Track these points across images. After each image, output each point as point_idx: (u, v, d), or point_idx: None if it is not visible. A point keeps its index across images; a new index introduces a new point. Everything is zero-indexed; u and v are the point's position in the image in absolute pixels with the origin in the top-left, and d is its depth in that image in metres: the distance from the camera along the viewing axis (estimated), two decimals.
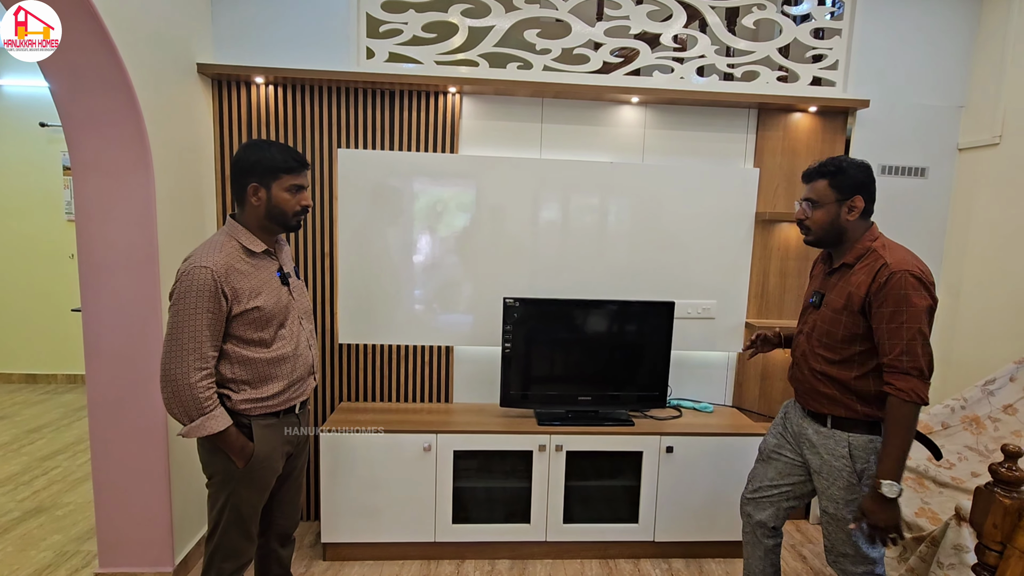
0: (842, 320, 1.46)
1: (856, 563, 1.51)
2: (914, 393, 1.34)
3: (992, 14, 2.44)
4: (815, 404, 1.55)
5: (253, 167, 1.46)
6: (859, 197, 1.47)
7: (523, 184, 2.35)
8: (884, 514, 1.36)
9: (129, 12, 1.75)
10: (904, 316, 1.35)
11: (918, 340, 1.34)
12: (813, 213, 1.51)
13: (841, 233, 1.50)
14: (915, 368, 1.34)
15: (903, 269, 1.36)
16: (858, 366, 1.45)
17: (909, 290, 1.35)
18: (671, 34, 2.42)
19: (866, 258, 1.45)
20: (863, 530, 1.41)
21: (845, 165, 1.48)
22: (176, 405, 1.38)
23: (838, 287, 1.49)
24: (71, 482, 2.82)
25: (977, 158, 2.48)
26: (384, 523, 2.21)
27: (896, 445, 1.35)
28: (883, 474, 1.35)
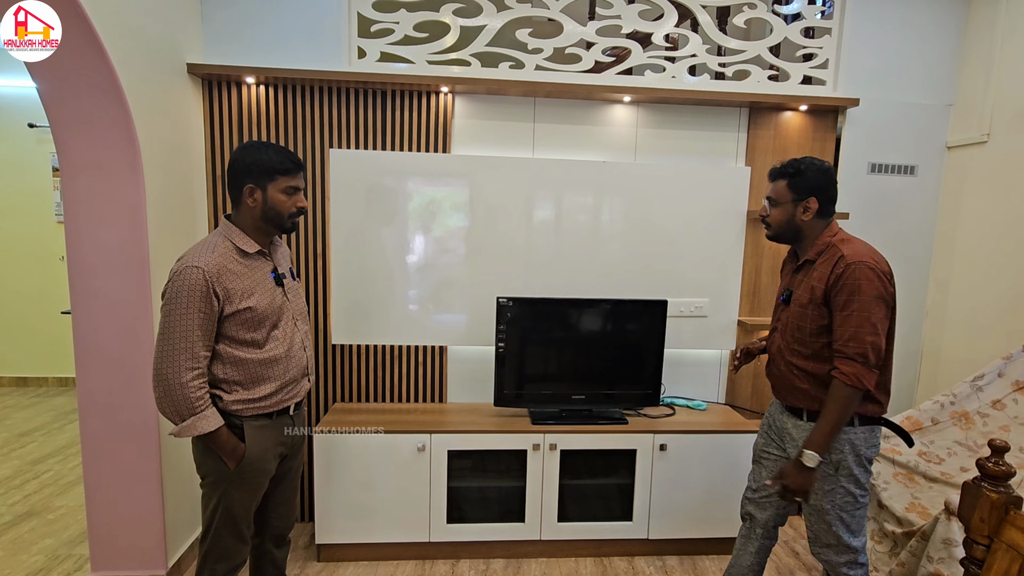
0: (808, 314, 1.51)
1: (839, 553, 1.55)
2: (855, 378, 1.40)
3: (980, 13, 2.46)
4: (791, 399, 1.60)
5: (249, 168, 1.45)
6: (814, 199, 1.52)
7: (516, 184, 2.35)
8: (799, 479, 1.45)
9: (118, 12, 1.73)
10: (855, 305, 1.41)
11: (866, 328, 1.40)
12: (772, 211, 1.59)
13: (797, 231, 1.57)
14: (859, 354, 1.41)
15: (858, 260, 1.43)
16: (828, 359, 1.50)
17: (862, 280, 1.41)
18: (663, 33, 2.42)
19: (826, 253, 1.51)
20: (777, 489, 1.51)
21: (804, 167, 1.54)
22: (167, 404, 1.38)
23: (803, 283, 1.55)
24: (62, 486, 2.80)
25: (966, 156, 2.51)
26: (378, 523, 2.20)
27: (829, 422, 1.43)
28: (808, 444, 1.44)
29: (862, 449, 1.50)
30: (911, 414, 2.09)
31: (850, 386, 1.41)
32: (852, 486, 1.51)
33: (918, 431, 2.06)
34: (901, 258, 2.61)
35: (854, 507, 1.53)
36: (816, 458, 1.42)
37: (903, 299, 2.63)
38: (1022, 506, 1.00)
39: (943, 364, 2.59)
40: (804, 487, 1.45)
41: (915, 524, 1.74)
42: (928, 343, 2.66)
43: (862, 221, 2.55)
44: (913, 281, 2.64)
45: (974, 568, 1.03)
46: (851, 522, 1.54)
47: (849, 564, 1.55)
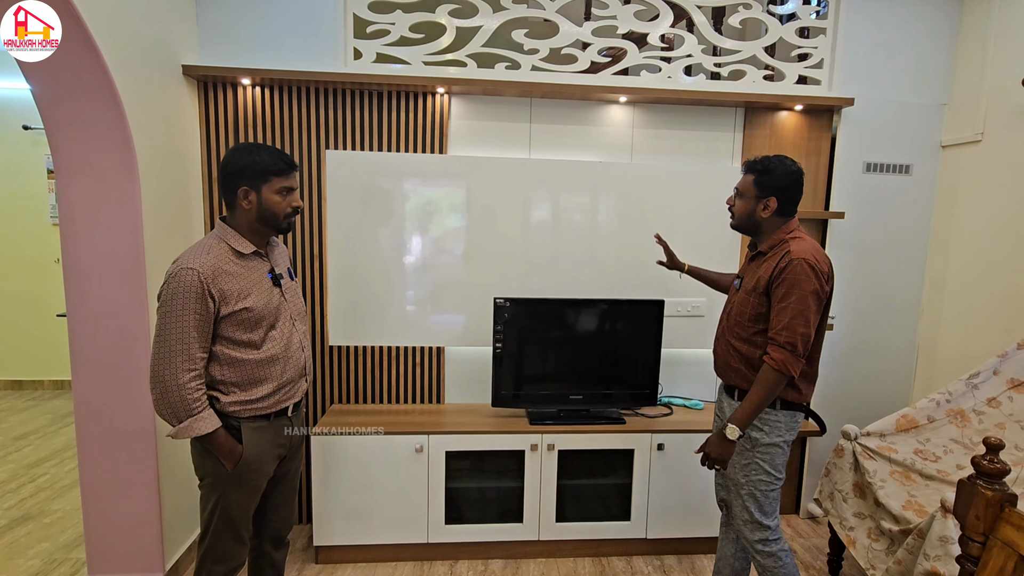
0: (751, 301, 1.62)
1: (752, 530, 1.67)
2: (783, 364, 1.51)
3: (973, 14, 2.47)
4: (726, 377, 1.73)
5: (243, 171, 1.45)
6: (774, 199, 1.61)
7: (512, 184, 2.35)
8: (719, 449, 1.59)
9: (112, 14, 1.73)
10: (792, 298, 1.51)
11: (799, 320, 1.50)
12: (737, 202, 1.69)
13: (756, 225, 1.66)
14: (789, 343, 1.51)
15: (800, 257, 1.52)
16: (759, 345, 1.61)
17: (801, 276, 1.51)
18: (658, 34, 2.43)
19: (778, 248, 1.61)
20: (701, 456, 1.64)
21: (772, 167, 1.61)
22: (165, 406, 1.38)
23: (754, 272, 1.65)
24: (59, 489, 2.79)
25: (960, 155, 2.52)
26: (377, 525, 2.20)
27: (753, 402, 1.54)
28: (732, 419, 1.56)
29: (782, 431, 1.62)
30: (907, 412, 2.10)
31: (777, 371, 1.51)
32: (767, 466, 1.63)
33: (914, 429, 2.07)
34: (896, 257, 2.63)
35: (767, 487, 1.64)
36: (737, 431, 1.54)
37: (899, 298, 2.66)
38: (1017, 503, 1.01)
39: (939, 362, 2.60)
40: (721, 457, 1.59)
41: (912, 522, 1.74)
42: (924, 341, 2.67)
43: (858, 220, 2.56)
44: (909, 279, 2.65)
45: (970, 565, 1.03)
46: (764, 502, 1.65)
47: (763, 541, 1.66)
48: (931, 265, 2.64)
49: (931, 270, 2.64)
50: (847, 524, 2.01)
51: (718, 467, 1.62)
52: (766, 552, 1.66)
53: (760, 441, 1.62)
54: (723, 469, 1.63)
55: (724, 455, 1.59)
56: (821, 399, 2.65)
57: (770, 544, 1.66)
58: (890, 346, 2.67)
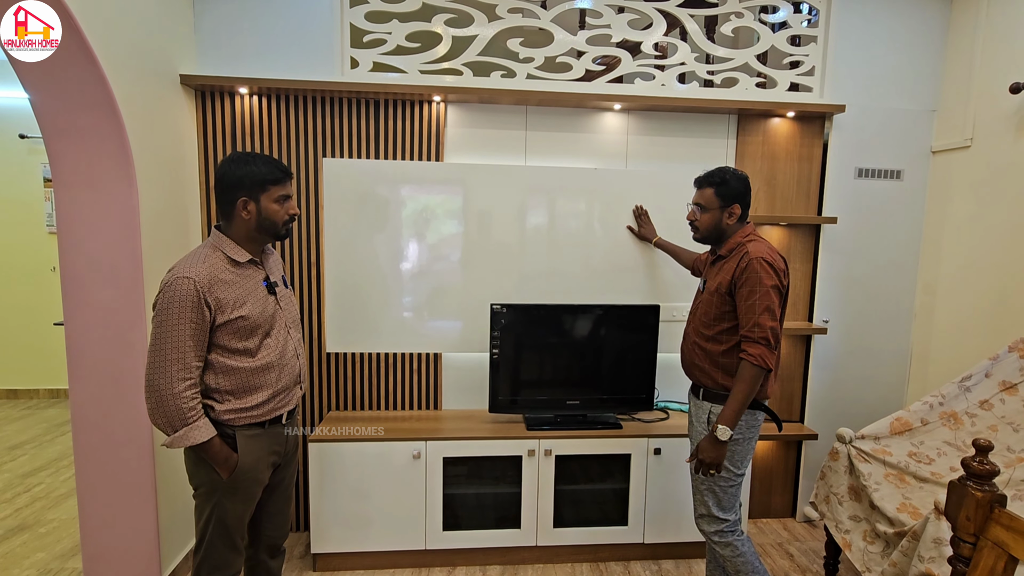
0: (714, 301, 1.71)
1: (709, 523, 1.75)
2: (761, 359, 1.58)
3: (961, 22, 2.51)
4: (692, 375, 1.81)
5: (240, 181, 1.46)
6: (737, 205, 1.72)
7: (509, 191, 2.37)
8: (713, 452, 1.63)
9: (110, 23, 1.75)
10: (756, 295, 1.60)
11: (767, 314, 1.59)
12: (701, 216, 1.77)
13: (722, 233, 1.76)
14: (763, 338, 1.59)
15: (758, 256, 1.62)
16: (724, 342, 1.70)
17: (761, 273, 1.60)
18: (652, 42, 2.46)
19: (736, 250, 1.70)
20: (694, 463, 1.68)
21: (728, 177, 1.73)
22: (160, 415, 1.38)
23: (715, 274, 1.74)
24: (54, 499, 2.77)
25: (950, 160, 2.55)
26: (374, 532, 2.20)
27: (738, 399, 1.60)
28: (721, 420, 1.61)
29: (743, 429, 1.69)
30: (901, 415, 2.11)
31: (756, 366, 1.58)
32: (728, 463, 1.69)
33: (908, 432, 2.09)
34: (889, 261, 2.65)
35: (727, 483, 1.71)
36: (728, 432, 1.59)
37: (892, 302, 2.68)
38: (1007, 504, 1.02)
39: (932, 365, 2.62)
40: (716, 460, 1.63)
41: (906, 524, 1.75)
42: (917, 345, 2.69)
43: (850, 225, 2.59)
44: (901, 284, 2.68)
45: (961, 566, 1.04)
46: (723, 497, 1.72)
47: (718, 533, 1.73)
48: (923, 269, 2.67)
49: (923, 274, 2.67)
50: (843, 527, 2.02)
51: (714, 472, 1.64)
52: (723, 543, 1.73)
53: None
54: (719, 472, 1.65)
55: (719, 458, 1.63)
56: (816, 403, 2.67)
57: (726, 535, 1.73)
58: (884, 350, 2.69)
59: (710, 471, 1.65)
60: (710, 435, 1.63)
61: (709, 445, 1.63)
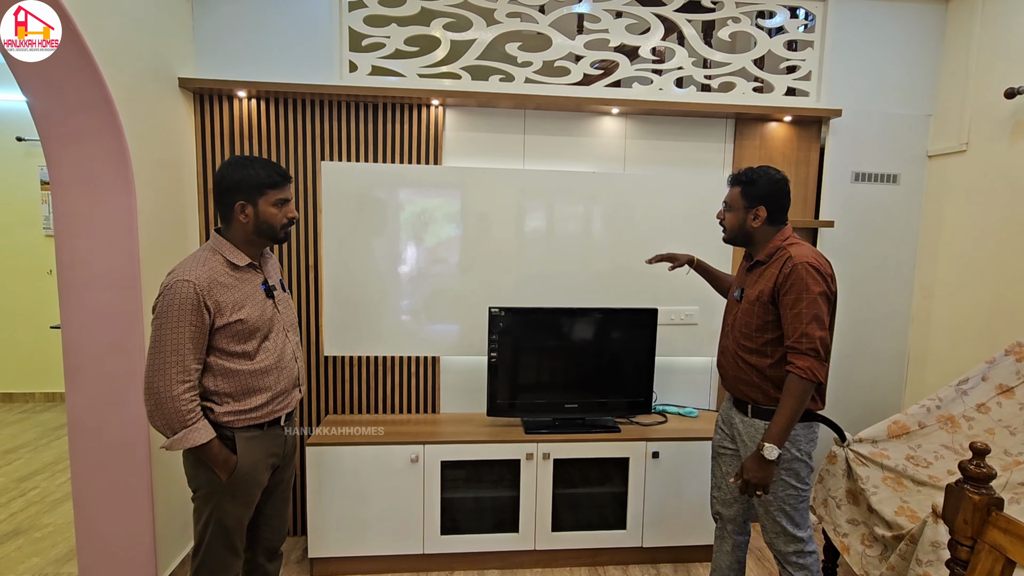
0: (756, 311, 1.60)
1: (786, 542, 1.65)
2: (810, 371, 1.48)
3: (957, 27, 2.53)
4: (737, 391, 1.69)
5: (239, 185, 1.47)
6: (763, 207, 1.62)
7: (507, 194, 2.37)
8: (760, 472, 1.52)
9: (108, 26, 1.75)
10: (804, 303, 1.50)
11: (815, 324, 1.49)
12: (727, 216, 1.69)
13: (748, 236, 1.66)
14: (812, 349, 1.48)
15: (803, 261, 1.52)
16: (771, 355, 1.59)
17: (808, 279, 1.50)
18: (649, 47, 2.47)
19: (776, 255, 1.60)
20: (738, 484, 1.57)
21: (756, 177, 1.63)
22: (159, 417, 1.38)
23: (754, 282, 1.64)
24: (50, 503, 2.76)
25: (946, 164, 2.57)
26: (372, 536, 2.19)
27: (785, 416, 1.49)
28: (768, 438, 1.50)
29: (802, 444, 1.60)
30: (898, 418, 2.12)
31: (805, 379, 1.48)
32: (793, 480, 1.61)
33: (906, 435, 2.09)
34: (886, 265, 2.66)
35: (796, 500, 1.62)
36: (775, 450, 1.49)
37: (890, 305, 2.69)
38: (1004, 507, 1.02)
39: (929, 368, 2.63)
40: (764, 480, 1.52)
41: (904, 528, 1.75)
42: (914, 348, 2.70)
43: (847, 229, 2.60)
44: (898, 287, 2.69)
45: (959, 569, 1.04)
46: (794, 515, 1.62)
47: (797, 553, 1.64)
48: (920, 273, 2.68)
49: (920, 278, 2.68)
50: (841, 530, 2.02)
51: (760, 493, 1.54)
52: (799, 564, 1.63)
53: (783, 457, 1.59)
54: (766, 493, 1.55)
55: (767, 478, 1.52)
56: None
57: (805, 556, 1.63)
58: (881, 353, 2.70)
59: (756, 492, 1.54)
60: (756, 454, 1.52)
61: (756, 465, 1.52)
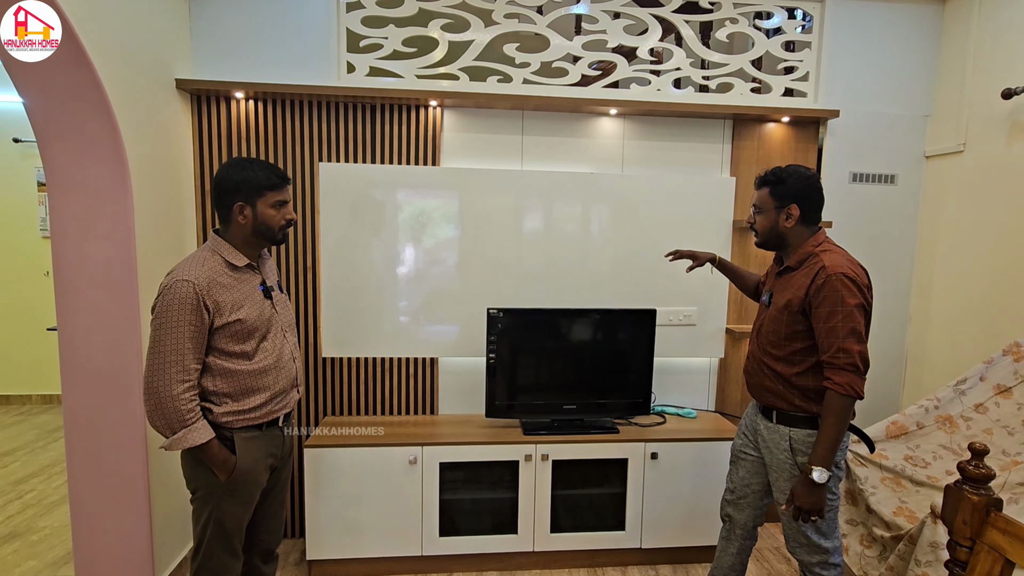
0: (784, 319, 1.55)
1: (811, 553, 1.59)
2: (850, 387, 1.42)
3: (954, 28, 2.54)
4: (762, 398, 1.65)
5: (238, 187, 1.47)
6: (795, 206, 1.55)
7: (505, 195, 2.37)
8: (811, 498, 1.45)
9: (105, 27, 1.74)
10: (839, 316, 1.43)
11: (852, 338, 1.42)
12: (757, 219, 1.63)
13: (782, 238, 1.60)
14: (850, 364, 1.42)
15: (838, 272, 1.44)
16: (799, 363, 1.54)
17: (843, 291, 1.43)
18: (647, 47, 2.47)
19: (808, 262, 1.54)
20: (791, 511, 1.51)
21: (785, 176, 1.57)
22: (158, 417, 1.38)
23: (783, 288, 1.58)
24: (46, 506, 2.75)
25: (943, 165, 2.57)
26: (370, 538, 2.19)
27: (829, 435, 1.44)
28: (815, 461, 1.44)
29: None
30: (897, 419, 2.12)
31: (845, 396, 1.42)
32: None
33: (904, 435, 2.09)
34: (884, 265, 2.67)
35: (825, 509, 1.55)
36: (825, 474, 1.43)
37: (888, 305, 2.69)
38: (1003, 507, 1.02)
39: (927, 369, 2.63)
40: (817, 505, 1.46)
41: (903, 528, 1.76)
42: (912, 348, 2.71)
43: (844, 229, 2.60)
44: (896, 287, 2.69)
45: (958, 570, 1.04)
46: (821, 525, 1.57)
47: (822, 564, 1.58)
48: (918, 273, 2.68)
49: (918, 278, 2.68)
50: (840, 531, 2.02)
51: (815, 518, 1.49)
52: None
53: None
54: (822, 518, 1.50)
55: (819, 503, 1.46)
56: None
57: (828, 568, 1.58)
58: (879, 353, 2.70)
59: (812, 518, 1.49)
60: (805, 479, 1.45)
61: (806, 491, 1.45)
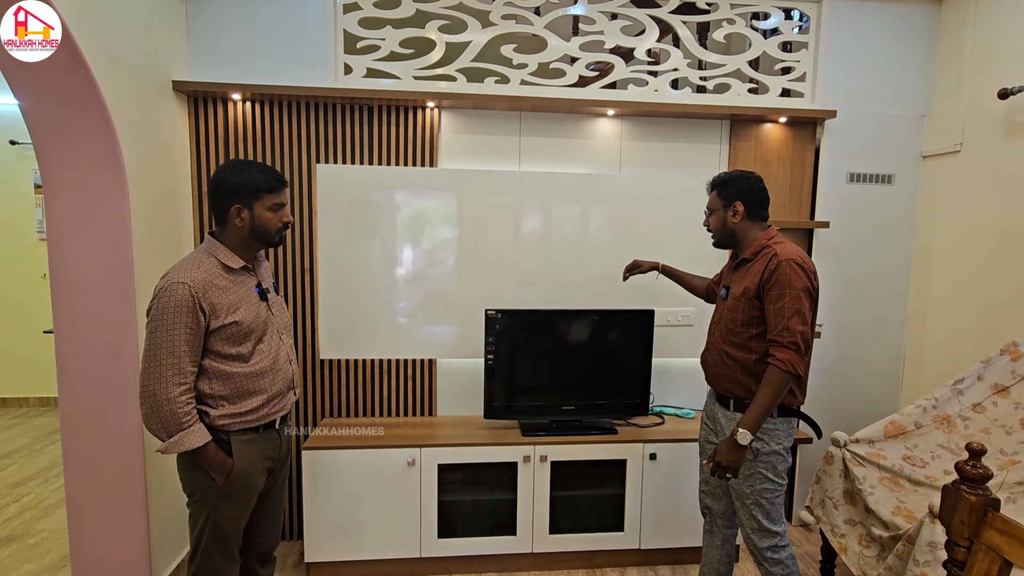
0: (741, 305, 1.66)
1: (761, 537, 1.69)
2: (790, 364, 1.53)
3: (950, 28, 2.54)
4: (720, 386, 1.75)
5: (235, 189, 1.46)
6: (739, 203, 1.70)
7: (503, 197, 2.37)
8: (731, 456, 1.58)
9: (101, 29, 1.74)
10: (787, 298, 1.55)
11: (797, 318, 1.54)
12: (710, 219, 1.78)
13: (732, 234, 1.73)
14: (792, 343, 1.54)
15: (788, 258, 1.57)
16: (756, 350, 1.64)
17: (792, 276, 1.56)
18: (645, 48, 2.47)
19: (762, 252, 1.66)
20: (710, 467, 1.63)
21: (728, 178, 1.74)
22: (155, 421, 1.37)
23: (740, 279, 1.70)
24: (44, 509, 2.74)
25: (940, 165, 2.57)
26: (369, 540, 2.18)
27: (762, 404, 1.55)
28: (743, 424, 1.56)
29: (781, 438, 1.65)
30: (895, 418, 2.12)
31: (785, 372, 1.53)
32: (770, 474, 1.65)
33: (902, 435, 2.09)
34: (881, 265, 2.67)
35: (772, 494, 1.67)
36: (748, 436, 1.55)
37: (885, 305, 2.69)
38: (1001, 507, 1.02)
39: (925, 368, 2.63)
40: (735, 463, 1.58)
41: (901, 528, 1.75)
42: (910, 348, 2.71)
43: (843, 229, 2.60)
44: (894, 287, 2.69)
45: (956, 570, 1.04)
46: (770, 509, 1.67)
47: (772, 548, 1.68)
48: (915, 273, 2.69)
49: (915, 278, 2.68)
50: (838, 531, 2.02)
51: (730, 475, 1.60)
52: (775, 559, 1.68)
53: (761, 451, 1.64)
54: (735, 476, 1.61)
55: (737, 462, 1.58)
56: (811, 407, 2.66)
57: (779, 551, 1.68)
58: (877, 353, 2.71)
59: (727, 475, 1.60)
60: (730, 439, 1.58)
61: (728, 449, 1.58)
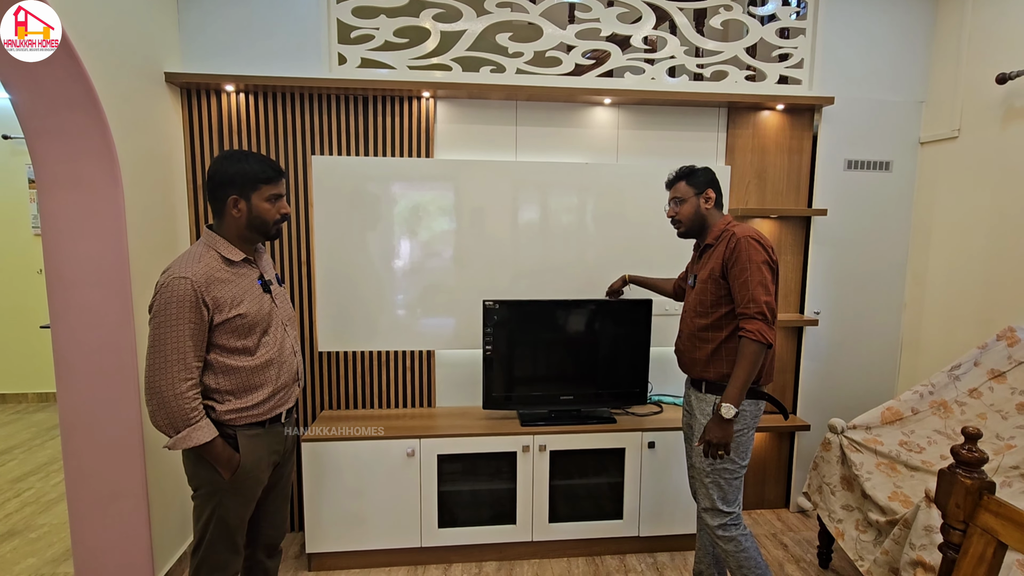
0: (709, 287, 1.73)
1: (713, 516, 1.74)
2: (760, 334, 1.58)
3: (948, 13, 2.53)
4: (693, 371, 1.80)
5: (232, 180, 1.45)
6: (711, 190, 1.79)
7: (499, 186, 2.36)
8: (720, 432, 1.61)
9: (91, 21, 1.72)
10: (748, 272, 1.62)
11: (761, 289, 1.61)
12: (680, 209, 1.82)
13: (703, 221, 1.80)
14: (759, 313, 1.60)
15: (745, 236, 1.66)
16: (725, 327, 1.70)
17: (750, 251, 1.63)
18: (641, 36, 2.45)
19: (723, 236, 1.74)
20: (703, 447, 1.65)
21: (694, 169, 1.82)
22: (162, 417, 1.37)
23: (705, 264, 1.77)
24: (45, 503, 2.75)
25: (938, 151, 2.57)
26: (370, 530, 2.20)
27: (740, 377, 1.59)
28: (725, 399, 1.60)
29: (747, 420, 1.69)
30: (892, 404, 2.13)
31: (756, 341, 1.58)
32: (732, 454, 1.69)
33: (899, 421, 2.11)
34: (879, 252, 2.67)
35: (731, 475, 1.71)
36: (732, 409, 1.58)
37: (882, 292, 2.70)
38: (995, 491, 1.03)
39: (922, 354, 2.64)
40: (725, 439, 1.61)
41: (898, 513, 1.77)
42: (907, 334, 2.72)
43: (840, 216, 2.60)
44: (891, 274, 2.70)
45: (951, 553, 1.05)
46: (727, 489, 1.72)
47: (722, 527, 1.73)
48: (912, 259, 2.69)
49: (913, 264, 2.69)
50: (835, 517, 2.04)
51: (723, 453, 1.62)
52: (726, 537, 1.72)
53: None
54: (728, 453, 1.63)
55: (726, 437, 1.60)
56: (808, 394, 2.68)
57: (729, 529, 1.72)
58: (874, 340, 2.71)
59: (719, 452, 1.62)
60: (715, 415, 1.61)
61: (716, 425, 1.61)
